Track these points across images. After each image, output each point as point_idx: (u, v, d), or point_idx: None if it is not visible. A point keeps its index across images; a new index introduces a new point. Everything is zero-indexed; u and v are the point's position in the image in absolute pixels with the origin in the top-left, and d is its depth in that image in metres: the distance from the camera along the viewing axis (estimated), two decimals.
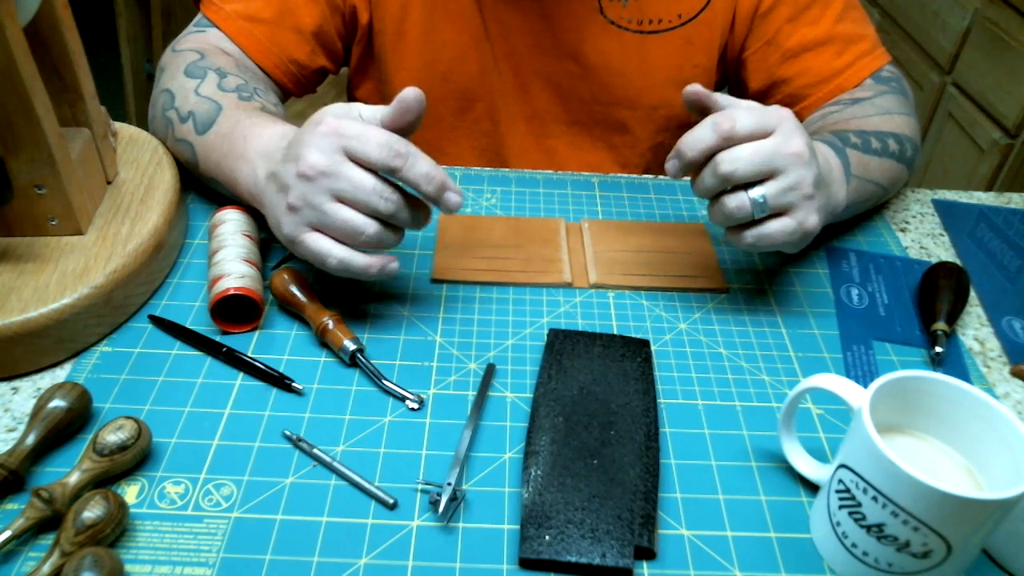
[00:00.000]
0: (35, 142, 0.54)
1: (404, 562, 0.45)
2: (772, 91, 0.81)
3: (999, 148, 1.50)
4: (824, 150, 0.64)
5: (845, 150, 0.66)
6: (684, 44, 0.80)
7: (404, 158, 0.52)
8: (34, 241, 0.59)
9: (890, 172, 0.71)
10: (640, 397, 0.54)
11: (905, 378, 0.45)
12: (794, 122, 0.56)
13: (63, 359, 0.56)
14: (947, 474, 0.45)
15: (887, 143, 0.71)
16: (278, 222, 0.55)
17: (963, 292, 0.63)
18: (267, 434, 0.52)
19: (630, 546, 0.45)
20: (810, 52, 0.78)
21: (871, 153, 0.69)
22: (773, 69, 0.80)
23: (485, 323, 0.61)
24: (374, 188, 0.53)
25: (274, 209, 0.56)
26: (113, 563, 0.42)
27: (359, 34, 0.81)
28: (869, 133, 0.70)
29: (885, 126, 0.72)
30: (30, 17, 0.54)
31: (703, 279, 0.66)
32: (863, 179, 0.67)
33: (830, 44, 0.78)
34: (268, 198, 0.57)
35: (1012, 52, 1.48)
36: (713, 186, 0.56)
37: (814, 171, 0.56)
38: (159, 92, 0.71)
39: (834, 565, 0.46)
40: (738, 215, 0.56)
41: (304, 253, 0.55)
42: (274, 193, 0.56)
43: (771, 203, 0.55)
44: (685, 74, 0.82)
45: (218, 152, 0.63)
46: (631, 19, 0.78)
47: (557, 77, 0.82)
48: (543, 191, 0.76)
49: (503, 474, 0.50)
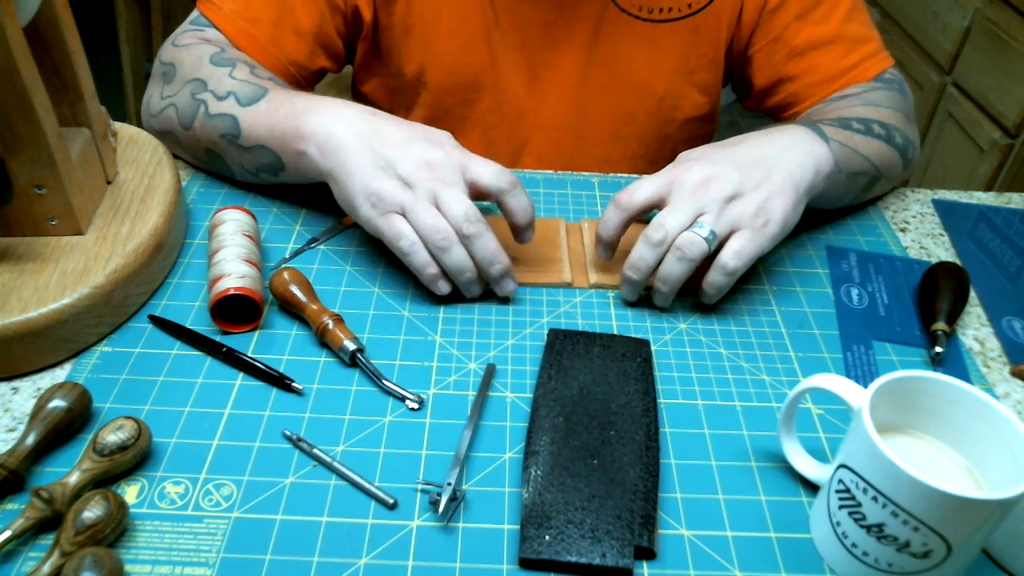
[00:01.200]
0: (35, 142, 0.54)
1: (404, 562, 0.45)
2: (776, 89, 0.81)
3: (999, 148, 1.50)
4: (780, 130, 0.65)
5: (816, 124, 0.67)
6: (692, 34, 0.81)
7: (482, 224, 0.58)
8: (34, 241, 0.59)
9: (879, 152, 0.70)
10: (640, 397, 0.54)
11: (905, 378, 0.45)
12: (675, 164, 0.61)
13: (63, 359, 0.56)
14: (947, 474, 0.45)
15: (870, 126, 0.71)
16: (368, 180, 0.58)
17: (963, 292, 0.63)
18: (267, 434, 0.52)
19: (630, 546, 0.45)
20: (817, 51, 0.78)
21: (851, 130, 0.69)
22: (779, 66, 0.80)
23: (485, 323, 0.61)
24: (466, 214, 0.57)
25: (363, 167, 0.59)
26: (113, 563, 0.42)
27: (364, 31, 0.81)
28: (849, 118, 0.70)
29: (868, 114, 0.72)
30: (30, 17, 0.54)
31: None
32: (846, 146, 0.67)
33: (838, 43, 0.78)
34: (357, 155, 0.59)
35: (1012, 52, 1.48)
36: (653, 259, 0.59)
37: (733, 180, 0.58)
38: (184, 86, 0.70)
39: (834, 565, 0.46)
40: (695, 252, 0.57)
41: (382, 223, 0.58)
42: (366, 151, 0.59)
43: (715, 227, 0.58)
44: (691, 64, 0.82)
45: (271, 117, 0.65)
46: (642, 7, 0.79)
47: (567, 67, 0.83)
48: (543, 191, 0.76)
49: (503, 474, 0.50)
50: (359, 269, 0.65)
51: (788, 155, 0.62)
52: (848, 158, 0.67)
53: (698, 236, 0.57)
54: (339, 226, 0.70)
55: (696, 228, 0.58)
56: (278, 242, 0.68)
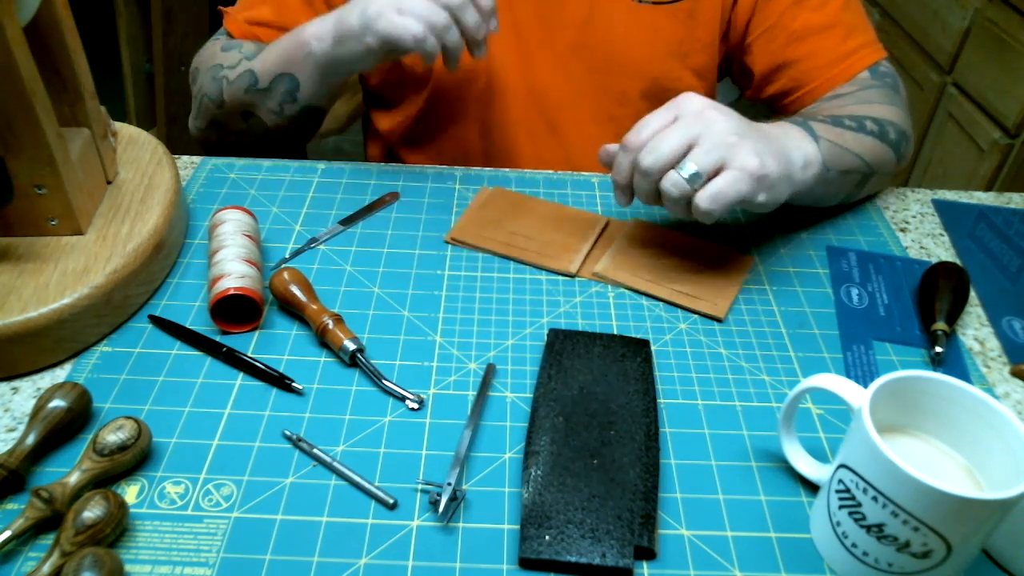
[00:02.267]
0: (35, 142, 0.54)
1: (404, 562, 0.45)
2: (776, 75, 0.81)
3: (999, 148, 1.50)
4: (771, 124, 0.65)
5: (806, 122, 0.67)
6: (687, 17, 0.81)
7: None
8: (34, 241, 0.59)
9: (872, 149, 0.70)
10: (640, 397, 0.54)
11: (905, 378, 0.45)
12: (689, 95, 0.60)
13: (63, 359, 0.56)
14: (947, 474, 0.45)
15: (863, 123, 0.71)
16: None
17: (963, 292, 0.63)
18: (267, 434, 0.52)
19: (630, 546, 0.45)
20: (817, 35, 0.78)
21: (843, 127, 0.69)
22: (778, 51, 0.80)
23: (485, 323, 0.61)
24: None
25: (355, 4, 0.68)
26: (113, 563, 0.42)
27: None
28: (842, 116, 0.71)
29: (861, 111, 0.72)
30: (30, 16, 0.54)
31: (704, 302, 0.63)
32: (836, 145, 0.67)
33: (836, 28, 0.78)
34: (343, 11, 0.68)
35: (1012, 52, 1.48)
36: (648, 187, 0.60)
37: (732, 122, 0.58)
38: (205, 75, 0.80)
39: (834, 565, 0.46)
40: (677, 192, 0.58)
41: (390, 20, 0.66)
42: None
43: (701, 167, 0.57)
44: (686, 47, 0.83)
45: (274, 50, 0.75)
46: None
47: (560, 47, 0.83)
48: (543, 191, 0.76)
49: (503, 474, 0.50)
50: (359, 269, 0.65)
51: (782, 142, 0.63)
52: (839, 156, 0.67)
53: (680, 178, 0.57)
54: (339, 226, 0.70)
55: (680, 170, 0.57)
56: (278, 242, 0.68)
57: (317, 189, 0.75)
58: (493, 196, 0.74)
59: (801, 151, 0.63)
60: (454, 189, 0.76)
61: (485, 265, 0.67)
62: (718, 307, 0.63)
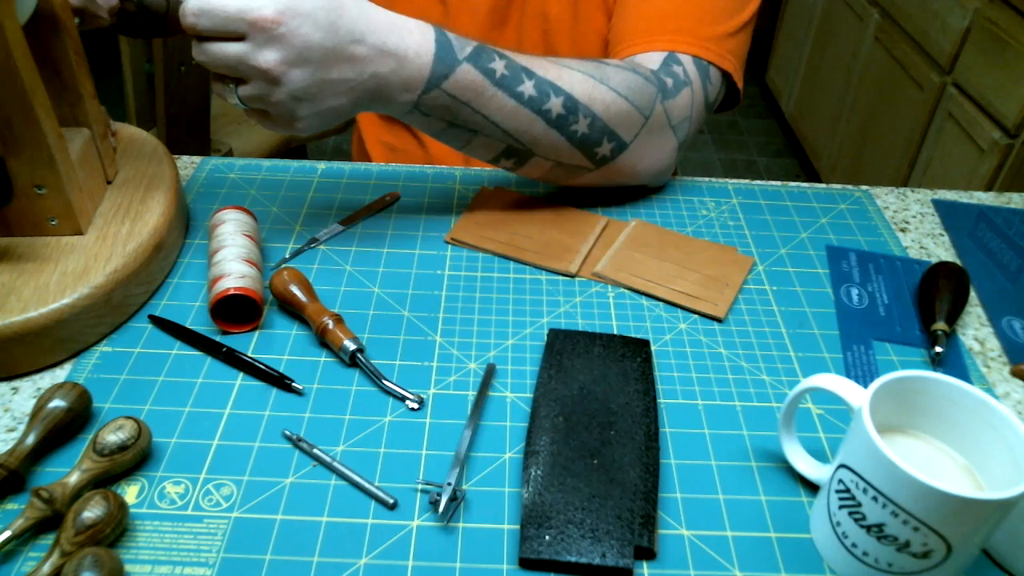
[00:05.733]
0: (35, 142, 0.54)
1: (404, 562, 0.45)
2: (612, 23, 0.77)
3: (999, 148, 1.50)
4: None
5: (462, 63, 0.59)
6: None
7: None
8: (34, 241, 0.59)
9: (526, 124, 0.62)
10: (640, 397, 0.54)
11: (905, 378, 0.45)
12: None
13: (63, 359, 0.56)
14: (947, 474, 0.45)
15: (544, 97, 0.62)
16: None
17: (963, 292, 0.63)
18: (267, 434, 0.52)
19: (630, 546, 0.45)
20: (646, 2, 0.72)
21: (505, 90, 0.61)
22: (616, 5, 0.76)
23: (485, 323, 0.61)
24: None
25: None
26: (113, 563, 0.42)
27: None
28: (534, 73, 0.62)
29: (569, 85, 0.63)
30: (29, 14, 0.54)
31: (704, 302, 0.63)
32: (462, 103, 0.60)
33: (674, 11, 0.71)
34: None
35: (1012, 52, 1.48)
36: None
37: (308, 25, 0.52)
38: None
39: (834, 565, 0.46)
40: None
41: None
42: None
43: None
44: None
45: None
46: None
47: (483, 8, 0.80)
48: (543, 191, 0.76)
49: (503, 474, 0.50)
50: (359, 269, 0.65)
51: (351, 49, 0.55)
52: (453, 108, 0.60)
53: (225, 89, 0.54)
54: (339, 226, 0.70)
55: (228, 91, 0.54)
56: (278, 242, 0.68)
57: (317, 189, 0.75)
58: (493, 196, 0.74)
59: (399, 76, 0.57)
60: (454, 189, 0.76)
61: (485, 265, 0.67)
62: (718, 307, 0.63)
